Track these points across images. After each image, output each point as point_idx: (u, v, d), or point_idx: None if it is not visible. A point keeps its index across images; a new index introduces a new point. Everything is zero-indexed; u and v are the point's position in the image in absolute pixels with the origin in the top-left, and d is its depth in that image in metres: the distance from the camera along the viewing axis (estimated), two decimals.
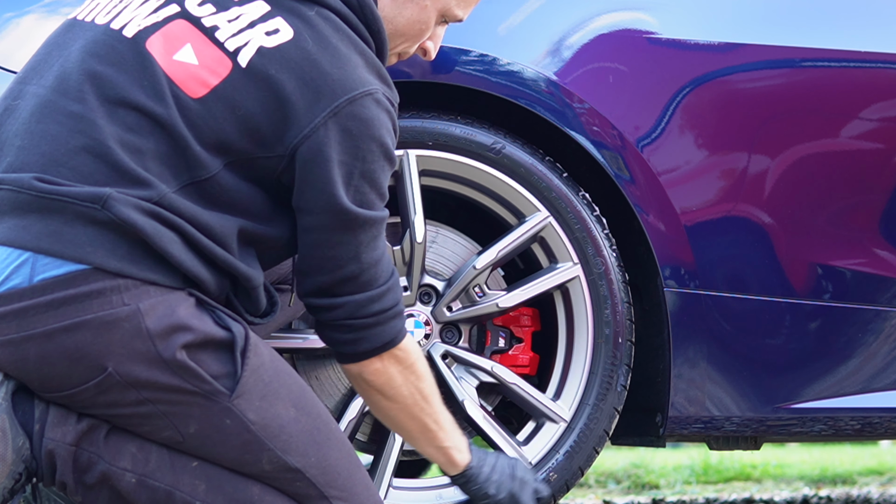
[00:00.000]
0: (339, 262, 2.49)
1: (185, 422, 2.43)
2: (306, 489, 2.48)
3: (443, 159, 3.02)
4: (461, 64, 3.00)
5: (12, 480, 2.42)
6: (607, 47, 3.10)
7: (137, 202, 2.37)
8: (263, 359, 2.46)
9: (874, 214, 3.21)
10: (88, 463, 2.45)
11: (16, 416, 2.43)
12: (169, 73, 2.44)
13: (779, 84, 3.18)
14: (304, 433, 2.47)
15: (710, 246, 3.12)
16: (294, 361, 3.11)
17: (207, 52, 2.46)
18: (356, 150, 2.46)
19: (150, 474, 2.45)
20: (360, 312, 2.52)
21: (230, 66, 2.45)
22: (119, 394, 2.40)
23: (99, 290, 2.35)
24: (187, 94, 2.43)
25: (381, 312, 2.54)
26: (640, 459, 6.80)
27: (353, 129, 2.45)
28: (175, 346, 2.38)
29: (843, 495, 5.54)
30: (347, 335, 2.55)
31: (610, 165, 3.06)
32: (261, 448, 2.45)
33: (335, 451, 2.51)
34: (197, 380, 2.40)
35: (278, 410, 2.46)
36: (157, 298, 2.38)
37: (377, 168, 2.48)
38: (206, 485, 2.46)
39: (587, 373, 3.09)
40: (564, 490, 3.09)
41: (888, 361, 3.23)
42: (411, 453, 3.16)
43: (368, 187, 2.48)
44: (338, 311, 2.52)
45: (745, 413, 3.16)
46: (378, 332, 2.55)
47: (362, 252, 2.50)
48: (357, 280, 2.51)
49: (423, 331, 3.05)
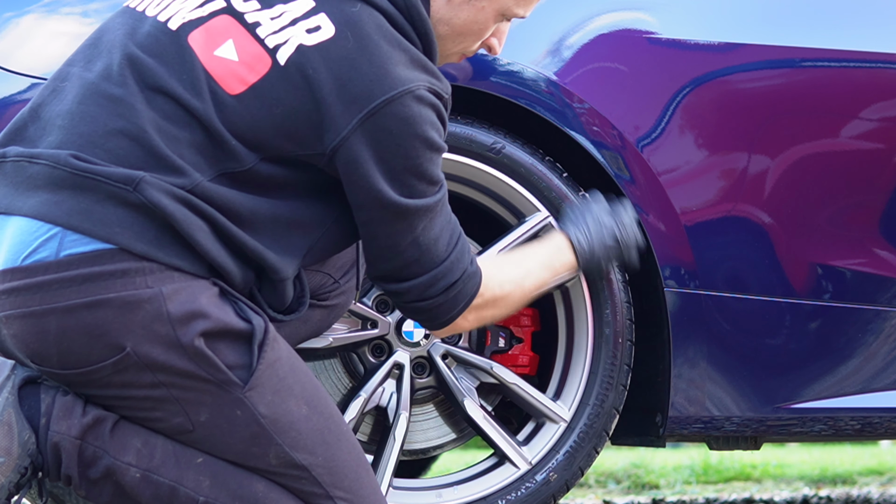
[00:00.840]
0: (397, 249, 2.51)
1: (197, 409, 2.43)
2: (311, 487, 2.47)
3: (443, 159, 3.01)
4: (461, 63, 3.00)
5: (18, 474, 2.43)
6: (607, 47, 3.10)
7: (170, 188, 2.38)
8: (281, 354, 2.46)
9: (874, 214, 3.21)
10: (93, 457, 2.45)
11: (22, 411, 2.44)
12: (208, 69, 2.45)
13: (779, 84, 3.18)
14: (314, 431, 2.47)
15: (710, 246, 3.11)
16: None
17: (248, 49, 2.46)
18: (397, 148, 2.46)
19: (155, 469, 2.45)
20: (428, 293, 2.55)
21: (269, 63, 2.45)
22: (135, 375, 2.40)
23: (123, 270, 2.37)
24: (225, 91, 2.44)
25: (450, 287, 2.56)
26: (640, 459, 6.80)
27: (393, 128, 2.45)
28: (194, 332, 2.38)
29: (843, 495, 5.54)
30: (423, 314, 2.59)
31: (610, 165, 3.06)
32: (269, 442, 2.44)
33: (344, 452, 2.50)
34: (212, 368, 2.40)
35: (290, 406, 2.46)
36: (181, 284, 2.39)
37: (423, 161, 2.49)
38: (210, 480, 2.46)
39: (587, 373, 3.09)
40: (564, 490, 3.09)
41: (888, 361, 3.23)
42: (411, 453, 3.17)
43: (415, 180, 2.48)
44: (407, 294, 2.56)
45: (745, 413, 3.16)
46: (452, 303, 2.58)
47: (420, 236, 2.51)
48: (419, 262, 2.53)
49: (423, 330, 3.05)
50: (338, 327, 3.04)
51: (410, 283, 2.54)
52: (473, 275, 2.59)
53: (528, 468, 3.07)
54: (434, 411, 3.17)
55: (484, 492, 3.06)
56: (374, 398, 3.05)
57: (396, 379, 3.06)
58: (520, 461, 3.07)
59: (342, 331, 3.04)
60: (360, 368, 3.09)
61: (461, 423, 3.16)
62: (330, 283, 2.80)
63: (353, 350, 3.08)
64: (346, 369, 3.12)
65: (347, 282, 2.83)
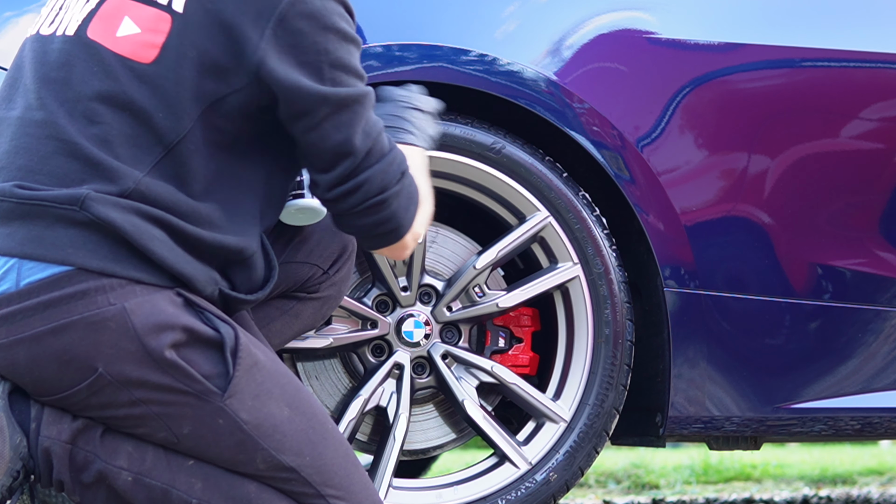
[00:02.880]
0: (351, 140, 2.48)
1: (179, 423, 2.42)
2: (302, 488, 2.47)
3: (443, 159, 3.02)
4: (461, 64, 3.01)
5: (10, 478, 2.42)
6: (607, 47, 3.10)
7: (116, 199, 2.37)
8: (257, 358, 2.45)
9: (874, 214, 3.21)
10: (85, 461, 2.45)
11: (13, 415, 2.43)
12: (117, 51, 2.45)
13: (779, 84, 3.18)
14: (298, 432, 2.46)
15: (710, 246, 3.12)
16: (294, 361, 3.11)
17: (145, 15, 2.47)
18: (314, 44, 2.46)
19: (147, 473, 2.45)
20: (387, 179, 2.51)
21: (169, 18, 2.45)
22: (112, 395, 2.40)
23: (83, 290, 2.36)
24: (140, 62, 2.44)
25: (403, 174, 2.53)
26: (640, 459, 6.80)
27: (304, 27, 2.45)
28: (164, 344, 2.37)
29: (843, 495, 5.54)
30: (387, 210, 2.52)
31: (610, 165, 3.06)
32: (255, 448, 2.44)
33: (331, 450, 2.49)
34: (188, 379, 2.39)
35: (272, 410, 2.45)
36: (143, 297, 2.37)
37: (343, 54, 2.48)
38: (202, 483, 2.46)
39: (587, 373, 3.09)
40: (564, 490, 3.09)
41: (888, 361, 3.23)
42: (411, 453, 3.17)
43: (340, 72, 2.48)
44: (369, 184, 2.50)
45: (745, 413, 3.16)
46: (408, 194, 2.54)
47: (366, 125, 2.50)
48: (373, 150, 2.50)
49: (423, 331, 3.05)
50: (338, 327, 3.04)
51: (370, 169, 2.49)
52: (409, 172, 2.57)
53: (528, 468, 3.07)
54: (434, 411, 3.17)
55: (484, 492, 3.07)
56: (374, 398, 3.05)
57: (396, 379, 3.06)
58: (520, 461, 3.07)
59: (342, 331, 3.04)
60: (360, 368, 3.09)
61: (461, 423, 3.16)
62: (319, 275, 2.79)
63: (353, 350, 3.08)
64: (346, 369, 3.12)
65: (337, 272, 2.81)
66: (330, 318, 3.04)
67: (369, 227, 2.54)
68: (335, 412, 3.11)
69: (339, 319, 3.04)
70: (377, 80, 2.98)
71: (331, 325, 3.04)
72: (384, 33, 3.01)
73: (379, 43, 3.00)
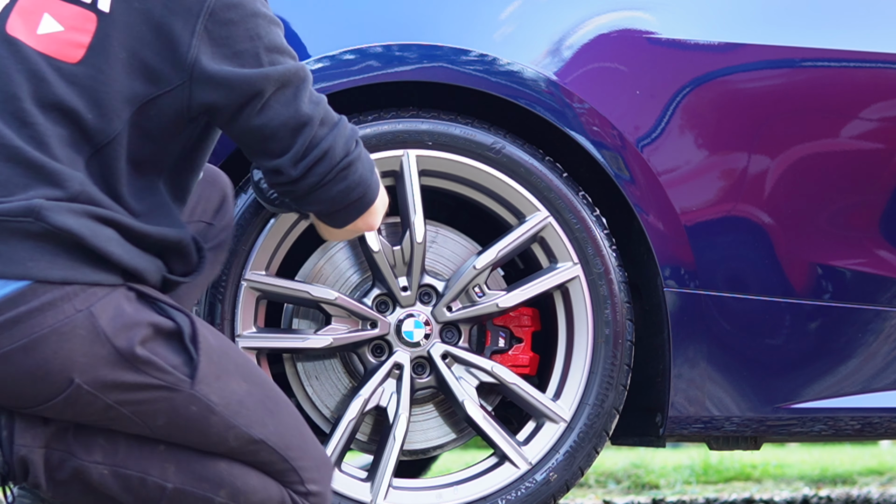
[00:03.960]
0: (300, 112, 2.50)
1: (154, 417, 2.45)
2: (269, 456, 2.52)
3: (443, 159, 3.02)
4: (461, 64, 3.01)
5: None
6: (607, 47, 3.10)
7: (68, 205, 2.36)
8: (210, 340, 2.48)
9: (874, 214, 3.21)
10: (60, 461, 2.47)
11: None
12: (40, 50, 2.42)
13: (779, 84, 3.18)
14: (258, 404, 2.51)
15: (710, 246, 3.11)
16: (294, 361, 3.11)
17: (67, 13, 2.44)
18: (245, 32, 2.47)
19: (121, 463, 2.48)
20: (348, 146, 2.55)
21: (94, 17, 2.44)
22: (88, 402, 2.41)
23: (49, 302, 2.34)
24: (66, 62, 2.42)
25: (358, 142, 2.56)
26: (640, 459, 6.80)
27: (233, 17, 2.46)
28: (133, 342, 2.39)
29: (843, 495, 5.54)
30: (355, 173, 2.56)
31: (610, 165, 3.06)
32: (227, 427, 2.47)
33: (285, 414, 2.55)
34: (160, 372, 2.42)
35: (233, 387, 2.49)
36: (105, 300, 2.38)
37: (274, 37, 2.50)
38: (174, 466, 2.49)
39: (587, 373, 3.09)
40: (564, 490, 3.09)
41: (888, 361, 3.23)
42: (411, 453, 3.17)
43: (277, 55, 2.50)
44: (332, 150, 2.53)
45: (745, 413, 3.16)
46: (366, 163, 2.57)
47: (313, 96, 2.52)
48: (325, 117, 2.53)
49: (423, 331, 3.05)
50: (338, 327, 3.04)
51: (331, 134, 2.52)
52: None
53: (528, 468, 3.07)
54: (434, 411, 3.17)
55: (484, 492, 3.06)
56: (374, 398, 3.05)
57: (396, 379, 3.06)
58: (520, 461, 3.07)
59: (342, 331, 3.04)
60: (360, 368, 3.09)
61: (461, 423, 3.16)
62: (206, 228, 2.80)
63: (353, 350, 3.08)
64: (346, 369, 3.12)
65: (222, 219, 2.81)
66: (330, 318, 3.04)
67: (342, 194, 2.57)
68: (335, 412, 3.11)
69: (340, 319, 3.04)
70: (377, 80, 2.98)
71: (331, 325, 3.04)
72: (384, 33, 3.01)
73: (379, 43, 3.00)
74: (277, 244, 3.00)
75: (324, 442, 3.03)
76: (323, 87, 2.95)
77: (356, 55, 2.98)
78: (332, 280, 3.08)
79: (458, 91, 3.03)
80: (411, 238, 3.01)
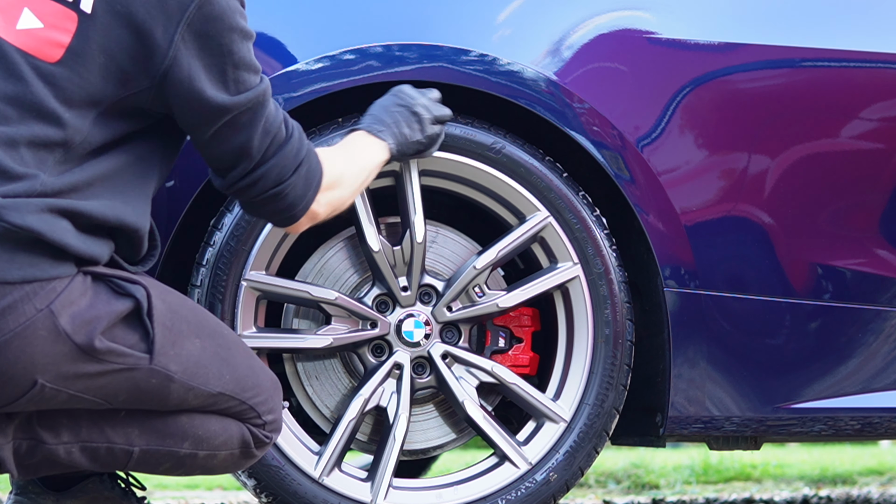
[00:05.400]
0: (250, 143, 2.55)
1: (115, 395, 2.49)
2: (228, 403, 2.59)
3: (443, 159, 3.02)
4: (461, 64, 3.00)
5: None
6: (607, 47, 3.10)
7: (26, 201, 2.35)
8: (160, 307, 2.51)
9: (874, 214, 3.21)
10: (29, 449, 2.52)
11: None
12: (18, 45, 2.41)
13: (779, 84, 3.18)
14: (213, 357, 2.57)
15: (709, 246, 3.11)
16: (294, 361, 3.11)
17: (48, 10, 2.43)
18: (220, 47, 2.48)
19: (86, 438, 2.54)
20: (284, 173, 2.59)
21: (75, 17, 2.43)
22: (52, 398, 2.44)
23: (9, 305, 2.35)
24: (45, 61, 2.41)
25: (301, 163, 2.61)
26: (640, 459, 6.80)
27: (210, 30, 2.47)
28: (93, 335, 2.42)
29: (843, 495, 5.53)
30: (281, 200, 2.61)
31: (610, 165, 3.06)
32: (186, 390, 2.53)
33: (235, 355, 2.61)
34: (120, 357, 2.45)
35: (189, 349, 2.53)
36: (64, 294, 2.39)
37: (244, 52, 2.52)
38: (138, 429, 2.56)
39: (587, 373, 3.09)
40: (564, 490, 3.09)
41: (888, 361, 3.23)
42: (411, 453, 3.17)
43: (244, 72, 2.52)
44: (265, 179, 2.59)
45: (745, 413, 3.16)
46: (306, 181, 2.61)
47: (265, 123, 2.56)
48: (271, 145, 2.57)
49: (423, 331, 3.05)
50: (338, 327, 3.04)
51: (266, 164, 2.57)
52: (312, 150, 2.65)
53: (528, 468, 3.07)
54: (434, 411, 3.17)
55: (484, 492, 3.07)
56: (375, 398, 3.05)
57: (396, 379, 3.06)
58: (520, 461, 3.07)
59: (342, 331, 3.04)
60: (360, 368, 3.09)
61: (461, 423, 3.16)
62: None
63: (353, 350, 3.08)
64: (346, 369, 3.12)
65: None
66: (330, 318, 3.04)
67: (266, 213, 2.65)
68: (335, 412, 3.11)
69: (340, 319, 3.04)
70: (377, 79, 2.98)
71: (331, 325, 3.04)
72: (384, 33, 3.01)
73: (379, 43, 3.00)
74: (277, 244, 3.00)
75: (324, 442, 3.03)
76: (323, 86, 2.95)
77: (356, 55, 2.98)
78: (332, 280, 3.08)
79: (458, 91, 3.03)
80: (411, 238, 3.01)
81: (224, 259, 2.95)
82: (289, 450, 2.99)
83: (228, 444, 2.61)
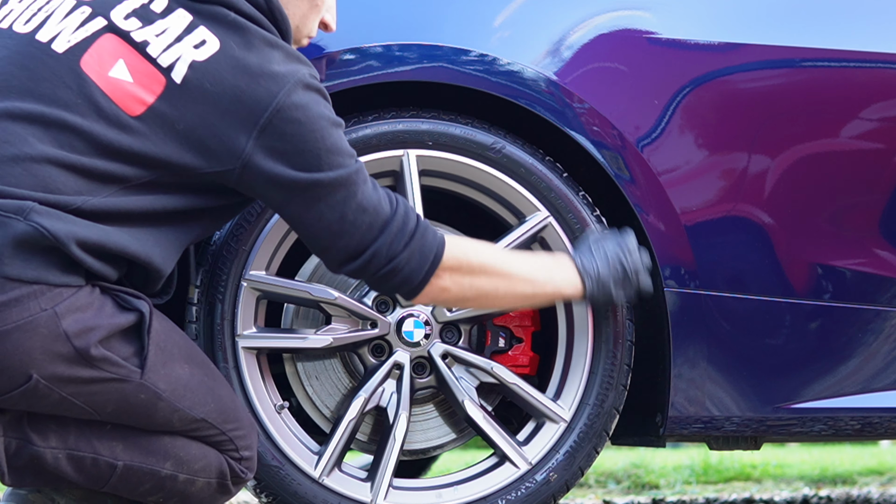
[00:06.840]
0: (346, 218, 2.60)
1: (103, 405, 2.55)
2: (209, 431, 2.65)
3: (443, 159, 3.02)
4: (461, 64, 3.01)
5: None
6: (607, 47, 3.10)
7: (58, 213, 2.44)
8: (157, 326, 2.58)
9: (874, 214, 3.21)
10: (17, 448, 2.56)
11: None
12: (106, 91, 2.50)
13: (779, 84, 3.18)
14: (200, 384, 2.64)
15: (710, 246, 3.12)
16: (294, 361, 3.11)
17: (140, 69, 2.52)
18: (304, 142, 2.54)
19: (73, 446, 2.59)
20: (393, 249, 2.64)
21: (164, 82, 2.51)
22: (43, 396, 2.49)
23: (16, 298, 2.42)
24: (125, 112, 2.50)
25: (412, 237, 2.65)
26: (640, 459, 6.80)
27: (292, 130, 2.53)
28: (91, 342, 2.48)
29: (843, 495, 5.54)
30: (398, 275, 2.66)
31: (610, 165, 3.06)
32: (172, 410, 2.59)
33: (220, 388, 2.68)
34: (113, 366, 2.51)
35: (178, 372, 2.60)
36: (70, 300, 2.46)
37: (334, 138, 2.57)
38: (122, 444, 2.61)
39: (587, 373, 3.09)
40: (564, 490, 3.09)
41: (888, 361, 3.23)
42: (411, 453, 3.17)
43: (336, 156, 2.57)
44: (375, 259, 2.64)
45: (745, 413, 3.16)
46: (420, 255, 2.66)
47: (362, 200, 2.60)
48: (372, 224, 2.62)
49: (423, 331, 3.05)
50: (338, 327, 3.04)
51: (373, 247, 2.62)
52: (428, 226, 2.68)
53: (528, 468, 3.07)
54: (434, 411, 3.17)
55: (484, 492, 3.07)
56: (375, 398, 3.05)
57: (396, 379, 3.06)
58: (520, 461, 3.07)
59: (342, 331, 3.04)
60: (360, 368, 3.09)
61: (461, 423, 3.16)
62: None
63: (353, 350, 3.08)
64: (346, 369, 3.12)
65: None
66: (330, 318, 3.04)
67: (388, 288, 2.71)
68: (335, 412, 3.11)
69: (340, 319, 3.04)
70: (377, 80, 2.98)
71: (331, 325, 3.04)
72: (384, 33, 3.01)
73: (379, 43, 3.00)
74: (278, 244, 3.00)
75: (324, 442, 3.03)
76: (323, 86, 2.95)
77: (356, 55, 2.98)
78: (332, 280, 3.08)
79: (458, 91, 3.03)
80: None
81: (224, 259, 2.95)
82: (289, 450, 2.99)
83: (207, 471, 2.68)
